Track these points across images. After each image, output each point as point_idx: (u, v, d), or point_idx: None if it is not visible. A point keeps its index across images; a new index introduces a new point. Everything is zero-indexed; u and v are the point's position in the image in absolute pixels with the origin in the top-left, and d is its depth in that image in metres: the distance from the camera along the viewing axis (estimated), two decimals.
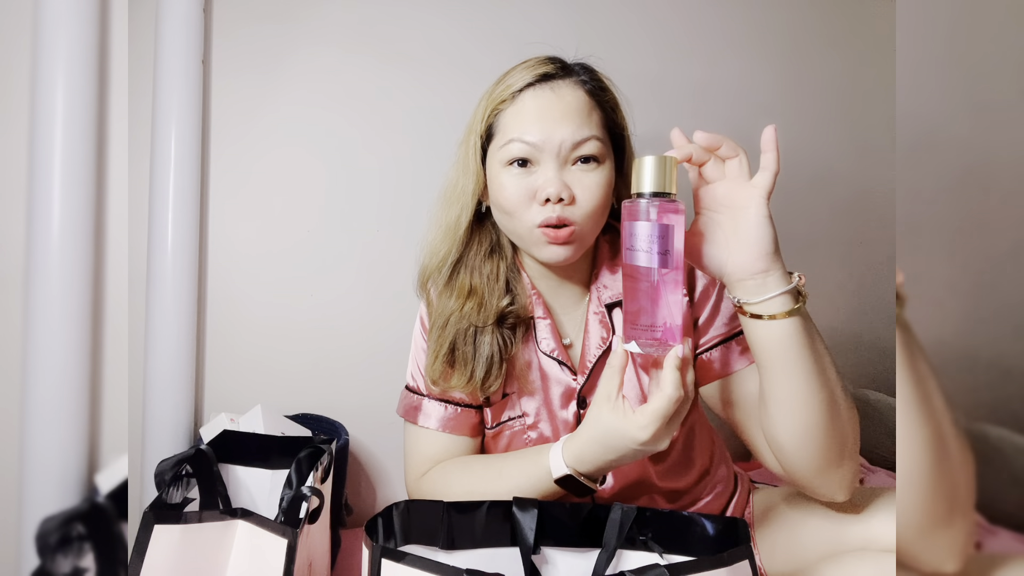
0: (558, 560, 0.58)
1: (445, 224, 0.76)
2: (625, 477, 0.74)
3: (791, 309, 0.56)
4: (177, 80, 0.97)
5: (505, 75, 0.72)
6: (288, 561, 0.56)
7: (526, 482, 0.65)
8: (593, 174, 0.67)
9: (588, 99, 0.69)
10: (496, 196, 0.70)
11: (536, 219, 0.67)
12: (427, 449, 0.77)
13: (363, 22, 1.09)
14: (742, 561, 0.47)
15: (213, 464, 0.71)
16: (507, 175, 0.68)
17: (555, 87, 0.68)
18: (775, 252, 0.57)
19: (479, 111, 0.73)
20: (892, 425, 1.02)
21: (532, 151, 0.67)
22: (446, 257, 0.75)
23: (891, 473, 0.93)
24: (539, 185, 0.66)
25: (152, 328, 0.97)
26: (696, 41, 1.24)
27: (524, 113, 0.68)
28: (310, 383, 1.08)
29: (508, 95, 0.69)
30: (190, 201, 0.98)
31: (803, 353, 0.57)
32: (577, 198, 0.66)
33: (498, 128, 0.70)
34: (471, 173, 0.73)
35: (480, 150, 0.72)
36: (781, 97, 1.28)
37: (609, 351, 0.74)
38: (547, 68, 0.70)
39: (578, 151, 0.67)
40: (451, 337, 0.73)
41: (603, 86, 0.72)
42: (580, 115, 0.67)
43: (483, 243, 0.76)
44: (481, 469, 0.71)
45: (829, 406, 0.59)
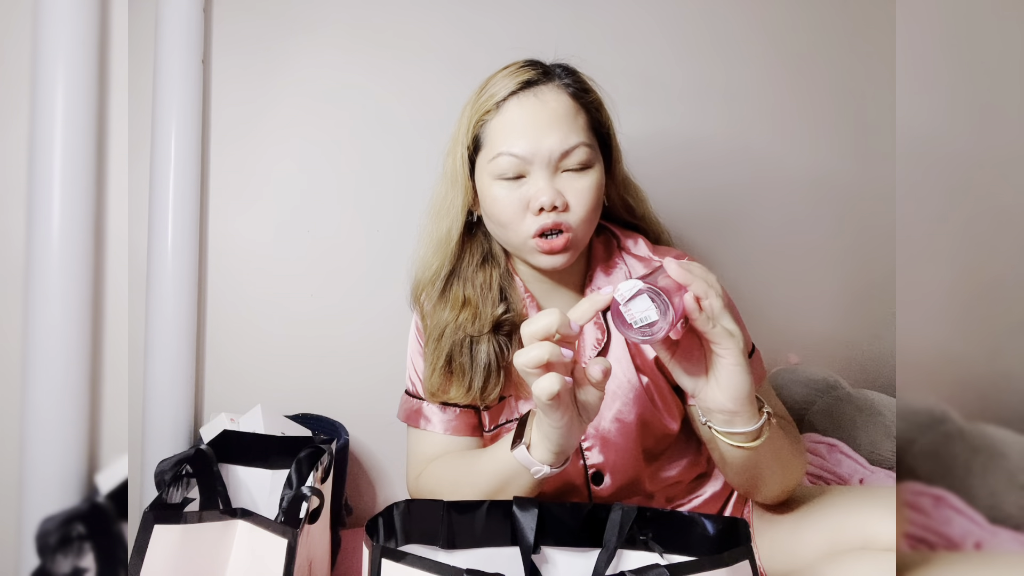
0: (558, 560, 0.58)
1: (436, 238, 0.76)
2: (623, 477, 0.75)
3: (755, 442, 0.57)
4: (177, 80, 0.96)
5: (486, 84, 0.71)
6: (288, 561, 0.56)
7: (489, 462, 0.65)
8: (584, 179, 0.67)
9: (572, 103, 0.69)
10: (489, 209, 0.70)
11: (531, 229, 0.67)
12: (429, 450, 0.77)
13: (362, 22, 1.09)
14: (742, 561, 0.47)
15: (213, 464, 0.71)
16: (498, 188, 0.68)
17: (538, 93, 0.68)
18: (748, 397, 0.55)
19: (463, 121, 0.72)
20: (892, 425, 1.02)
21: (521, 164, 0.67)
22: (439, 271, 0.75)
23: (891, 473, 0.93)
24: (532, 195, 0.66)
25: (152, 328, 0.97)
26: (695, 41, 1.24)
27: (510, 124, 0.68)
28: (310, 383, 1.08)
29: (492, 105, 0.69)
30: (190, 201, 0.98)
31: (763, 462, 0.61)
32: (570, 204, 0.67)
33: (485, 139, 0.70)
34: (459, 185, 0.73)
35: (468, 161, 0.72)
36: (780, 99, 1.28)
37: (605, 352, 0.74)
38: (529, 74, 0.69)
39: (568, 160, 0.67)
40: (447, 349, 0.73)
41: (586, 87, 0.72)
42: (566, 121, 0.67)
43: (475, 253, 0.76)
44: (461, 462, 0.72)
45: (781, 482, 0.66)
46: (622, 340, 0.74)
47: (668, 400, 0.75)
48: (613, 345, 0.74)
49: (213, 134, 1.04)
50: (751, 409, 0.55)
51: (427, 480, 0.75)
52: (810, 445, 1.03)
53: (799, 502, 0.72)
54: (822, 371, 1.21)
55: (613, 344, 0.74)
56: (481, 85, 0.72)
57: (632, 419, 0.73)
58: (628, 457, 0.74)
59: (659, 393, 0.74)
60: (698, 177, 1.23)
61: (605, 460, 0.74)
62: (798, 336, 1.30)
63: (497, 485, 0.64)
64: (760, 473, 0.63)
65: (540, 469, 0.59)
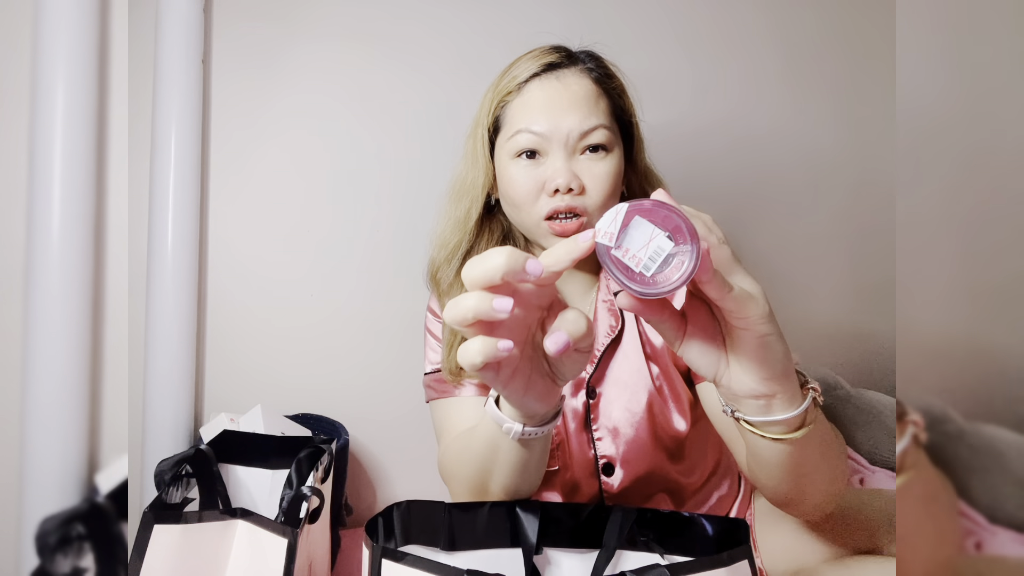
0: (560, 560, 0.58)
1: (455, 218, 0.76)
2: (634, 471, 0.74)
3: (800, 430, 0.45)
4: (177, 80, 0.96)
5: (510, 66, 0.72)
6: (288, 561, 0.56)
7: (484, 431, 0.55)
8: (602, 163, 0.67)
9: (594, 87, 0.68)
10: (505, 188, 0.70)
11: (543, 211, 0.66)
12: (465, 415, 0.71)
13: (362, 19, 1.09)
14: (741, 561, 0.47)
15: (213, 464, 0.71)
16: (516, 167, 0.68)
17: (561, 76, 0.68)
18: (785, 373, 0.43)
19: (485, 103, 0.72)
20: (892, 425, 1.02)
21: (540, 141, 0.66)
22: (456, 249, 0.75)
23: (891, 473, 0.93)
24: (548, 176, 0.66)
25: (152, 328, 0.97)
26: (696, 40, 1.24)
27: (531, 104, 0.68)
28: (310, 383, 1.08)
29: (514, 86, 0.69)
30: (190, 201, 0.98)
31: (811, 459, 0.48)
32: (587, 187, 0.66)
33: (505, 120, 0.70)
34: (480, 166, 0.73)
35: (488, 143, 0.72)
36: (781, 95, 1.28)
37: (619, 339, 0.72)
38: (552, 57, 0.69)
39: (586, 140, 0.66)
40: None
41: (609, 73, 0.71)
42: (587, 103, 0.67)
43: (494, 234, 0.76)
44: (467, 433, 0.66)
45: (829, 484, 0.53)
46: (635, 328, 0.72)
47: (679, 395, 0.73)
48: (626, 336, 0.73)
49: (213, 134, 1.04)
50: (791, 388, 0.43)
51: (448, 454, 0.69)
52: None
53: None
54: (822, 371, 1.21)
55: (627, 335, 0.73)
56: (505, 68, 0.72)
57: (642, 410, 0.72)
58: (640, 449, 0.73)
59: (670, 387, 0.72)
60: (698, 177, 1.23)
61: (616, 451, 0.73)
62: (798, 336, 1.30)
63: (486, 451, 0.56)
64: (807, 474, 0.50)
65: (511, 427, 0.49)
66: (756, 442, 0.46)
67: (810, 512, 0.58)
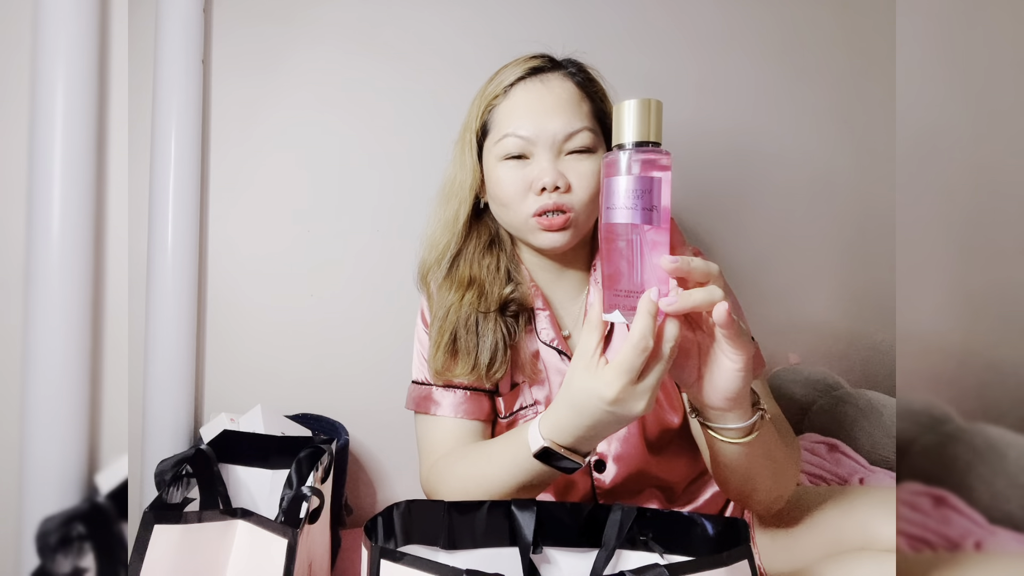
0: (559, 560, 0.58)
1: (444, 219, 0.78)
2: (626, 467, 0.75)
3: (746, 437, 0.55)
4: (177, 80, 0.97)
5: (497, 73, 0.75)
6: (288, 561, 0.56)
7: (511, 461, 0.61)
8: (586, 162, 0.69)
9: (577, 90, 0.71)
10: (493, 189, 0.73)
11: (531, 208, 0.69)
12: (441, 436, 0.75)
13: (362, 22, 1.09)
14: (741, 561, 0.47)
15: (213, 464, 0.71)
16: (503, 169, 0.71)
17: (545, 80, 0.71)
18: (744, 397, 0.53)
19: (473, 108, 0.75)
20: (892, 425, 1.02)
21: (526, 145, 0.69)
22: (445, 250, 0.77)
23: (891, 473, 0.93)
24: (535, 176, 0.68)
25: (152, 328, 0.97)
26: (695, 41, 1.24)
27: (516, 107, 0.71)
28: (310, 383, 1.08)
29: (500, 90, 0.72)
30: (190, 201, 0.98)
31: (756, 462, 0.58)
32: (572, 186, 0.69)
33: (492, 124, 0.73)
34: (468, 169, 0.75)
35: (476, 146, 0.75)
36: (781, 97, 1.28)
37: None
38: (536, 63, 0.73)
39: (571, 143, 0.69)
40: (452, 327, 0.73)
41: (591, 78, 0.75)
42: (570, 106, 0.70)
43: (482, 236, 0.78)
44: (475, 454, 0.70)
45: (774, 486, 0.63)
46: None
47: (669, 390, 0.75)
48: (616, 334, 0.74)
49: (213, 134, 1.04)
50: (744, 406, 0.54)
51: (440, 473, 0.72)
52: (810, 445, 1.03)
53: (799, 502, 0.72)
54: (822, 371, 1.21)
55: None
56: (492, 75, 0.75)
57: None
58: (631, 446, 0.75)
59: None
60: (698, 176, 1.24)
61: (608, 448, 0.75)
62: (798, 336, 1.30)
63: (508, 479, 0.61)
64: (753, 475, 0.61)
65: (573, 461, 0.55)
66: (712, 442, 0.57)
67: (762, 507, 0.67)
